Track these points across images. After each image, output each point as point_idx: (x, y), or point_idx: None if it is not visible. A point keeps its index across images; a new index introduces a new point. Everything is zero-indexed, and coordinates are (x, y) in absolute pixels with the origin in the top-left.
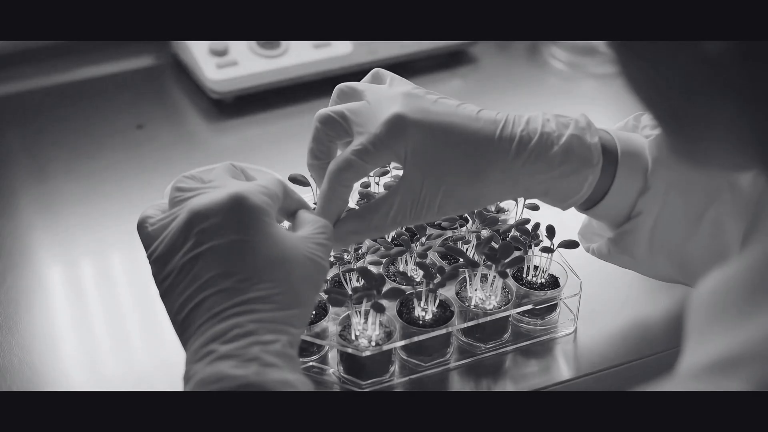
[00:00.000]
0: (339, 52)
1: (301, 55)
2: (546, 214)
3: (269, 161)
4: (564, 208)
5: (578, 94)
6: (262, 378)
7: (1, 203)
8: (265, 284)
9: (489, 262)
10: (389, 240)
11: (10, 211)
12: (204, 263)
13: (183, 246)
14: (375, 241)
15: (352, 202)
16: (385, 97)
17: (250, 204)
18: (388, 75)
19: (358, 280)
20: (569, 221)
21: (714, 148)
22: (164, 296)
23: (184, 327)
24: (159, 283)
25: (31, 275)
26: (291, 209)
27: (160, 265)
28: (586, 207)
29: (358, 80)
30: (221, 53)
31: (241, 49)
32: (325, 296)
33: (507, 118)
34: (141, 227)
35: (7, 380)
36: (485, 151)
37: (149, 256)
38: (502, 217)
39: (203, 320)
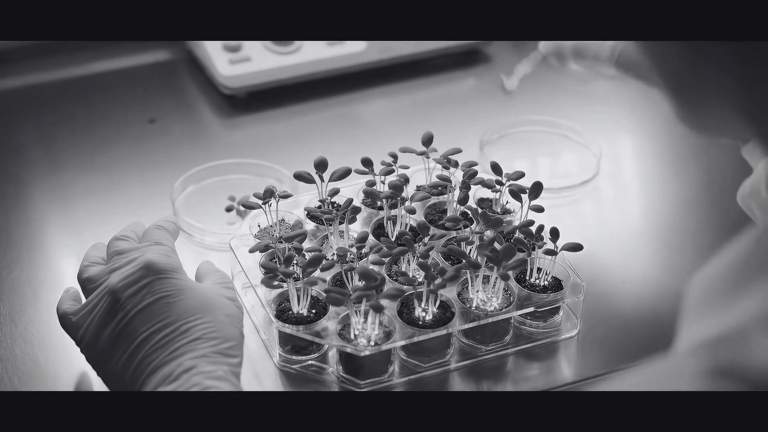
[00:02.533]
0: (352, 49)
1: (314, 53)
2: (551, 216)
3: (278, 158)
4: None
5: (593, 94)
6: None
7: (13, 195)
8: (196, 327)
9: (491, 264)
10: (393, 239)
11: (23, 203)
12: (135, 327)
13: (111, 321)
14: (378, 240)
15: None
16: None
17: (159, 268)
18: None
19: (360, 279)
20: (574, 224)
21: (715, 115)
22: (104, 372)
23: (130, 387)
24: (94, 362)
25: (38, 267)
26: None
27: (91, 346)
28: None
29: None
30: (234, 49)
31: (254, 46)
32: (324, 294)
33: None
34: (64, 320)
35: (8, 371)
36: None
37: (78, 342)
38: (508, 218)
39: (146, 374)
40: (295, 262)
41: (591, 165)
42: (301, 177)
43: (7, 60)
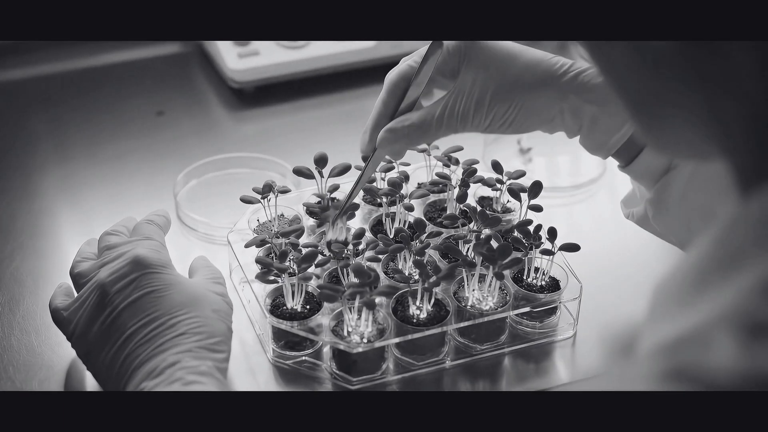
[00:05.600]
0: (362, 45)
1: (322, 48)
2: (549, 215)
3: (284, 153)
4: (604, 155)
5: None
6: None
7: (20, 184)
8: (183, 322)
9: (487, 263)
10: (391, 236)
11: (29, 192)
12: (123, 321)
13: (100, 316)
14: (375, 236)
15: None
16: None
17: (148, 262)
18: None
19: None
20: (572, 224)
21: (680, 134)
22: (93, 366)
23: (117, 382)
24: (84, 356)
25: (41, 257)
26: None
27: (81, 340)
28: (625, 162)
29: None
30: (243, 43)
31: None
32: (318, 291)
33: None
34: (56, 315)
35: (4, 360)
36: (537, 64)
37: (70, 337)
38: (507, 217)
39: (133, 368)
40: (291, 257)
41: (597, 163)
42: (300, 172)
43: (18, 51)
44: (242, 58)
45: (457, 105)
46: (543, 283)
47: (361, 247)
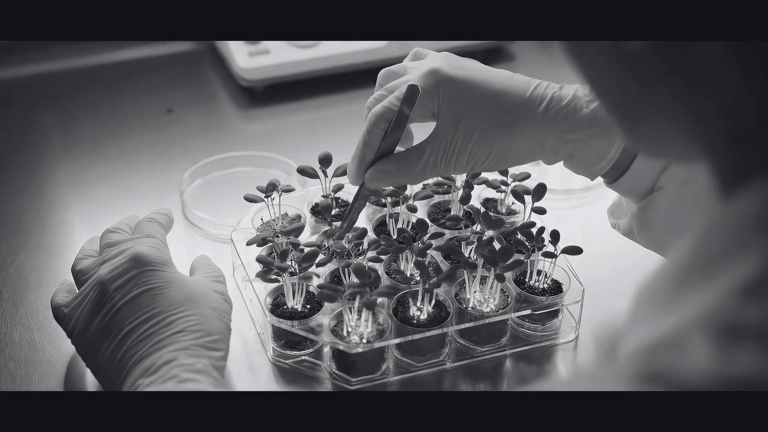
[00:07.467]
0: (372, 44)
1: (333, 47)
2: (562, 218)
3: (292, 152)
4: (591, 178)
5: None
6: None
7: (28, 180)
8: (181, 319)
9: (488, 265)
10: (393, 237)
11: (36, 188)
12: (121, 318)
13: (100, 313)
14: (378, 236)
15: None
16: (425, 62)
17: (148, 260)
18: (428, 52)
19: None
20: (585, 226)
21: (662, 136)
22: (92, 362)
23: (115, 379)
24: (83, 353)
25: (45, 253)
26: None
27: (81, 337)
28: (611, 180)
29: None
30: (254, 42)
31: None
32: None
33: (541, 82)
34: (57, 313)
35: (6, 355)
36: (515, 106)
37: (70, 334)
38: (511, 219)
39: (130, 365)
40: (292, 257)
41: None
42: (304, 171)
43: (28, 48)
44: (252, 57)
45: (439, 156)
46: (545, 285)
47: (362, 247)
